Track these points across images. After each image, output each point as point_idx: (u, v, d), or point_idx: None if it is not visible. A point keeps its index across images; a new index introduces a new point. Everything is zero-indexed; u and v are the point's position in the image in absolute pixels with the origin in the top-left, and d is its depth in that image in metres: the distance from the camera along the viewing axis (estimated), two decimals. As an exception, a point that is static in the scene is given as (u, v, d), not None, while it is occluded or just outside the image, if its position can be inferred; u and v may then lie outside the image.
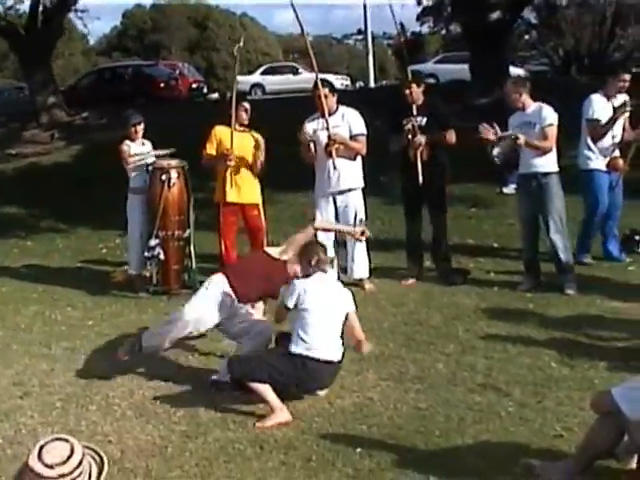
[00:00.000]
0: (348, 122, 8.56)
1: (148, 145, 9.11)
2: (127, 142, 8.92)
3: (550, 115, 8.01)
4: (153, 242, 8.53)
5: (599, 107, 8.79)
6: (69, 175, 16.58)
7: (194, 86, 31.01)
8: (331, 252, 8.63)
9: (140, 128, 9.02)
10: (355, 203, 8.59)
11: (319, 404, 5.59)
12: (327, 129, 8.37)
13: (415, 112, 8.48)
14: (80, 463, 3.31)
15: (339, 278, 8.33)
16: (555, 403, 5.41)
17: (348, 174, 8.54)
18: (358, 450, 4.80)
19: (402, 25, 10.57)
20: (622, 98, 8.82)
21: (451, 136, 8.57)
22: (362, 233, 7.16)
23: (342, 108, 8.67)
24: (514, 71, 21.03)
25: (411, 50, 34.62)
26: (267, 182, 8.96)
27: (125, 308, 8.37)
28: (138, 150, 8.92)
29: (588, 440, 4.19)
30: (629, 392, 3.94)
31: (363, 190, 8.73)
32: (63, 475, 3.27)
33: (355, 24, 77.05)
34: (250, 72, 38.19)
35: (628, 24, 27.01)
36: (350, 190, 8.58)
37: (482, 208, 11.29)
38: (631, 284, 8.25)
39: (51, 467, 3.27)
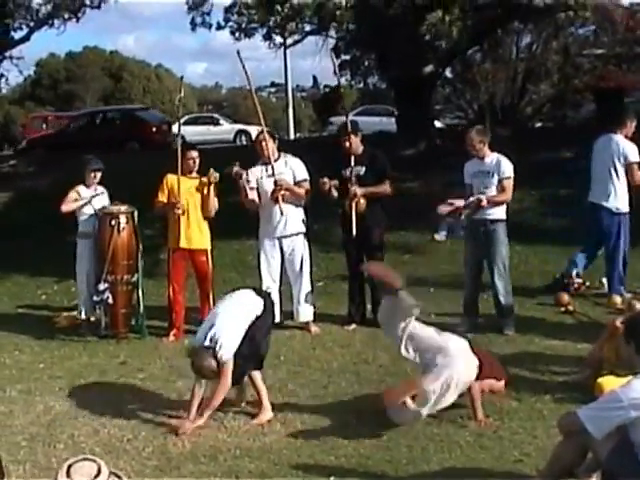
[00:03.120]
0: (291, 169, 8.83)
1: (102, 192, 9.22)
2: (79, 188, 9.07)
3: (508, 168, 8.28)
4: (102, 286, 8.61)
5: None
6: (-2, 223, 16.40)
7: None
8: (276, 296, 8.89)
9: (98, 174, 9.17)
10: (301, 248, 8.85)
11: (284, 439, 5.79)
12: (272, 175, 8.64)
13: (354, 162, 8.74)
14: (107, 481, 3.47)
15: (283, 322, 8.62)
16: (510, 433, 5.72)
17: (293, 219, 8.79)
18: (332, 478, 5.02)
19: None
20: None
21: (386, 187, 8.83)
22: None
23: (284, 155, 8.96)
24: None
25: (332, 103, 35.28)
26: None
27: (74, 351, 8.40)
28: (87, 195, 9.05)
29: (554, 459, 4.47)
30: (593, 412, 4.24)
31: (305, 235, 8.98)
32: (93, 491, 3.41)
33: (265, 76, 77.67)
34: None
35: (539, 80, 27.95)
36: (296, 235, 8.83)
37: (416, 255, 11.63)
38: (565, 324, 8.65)
39: (81, 484, 3.42)
